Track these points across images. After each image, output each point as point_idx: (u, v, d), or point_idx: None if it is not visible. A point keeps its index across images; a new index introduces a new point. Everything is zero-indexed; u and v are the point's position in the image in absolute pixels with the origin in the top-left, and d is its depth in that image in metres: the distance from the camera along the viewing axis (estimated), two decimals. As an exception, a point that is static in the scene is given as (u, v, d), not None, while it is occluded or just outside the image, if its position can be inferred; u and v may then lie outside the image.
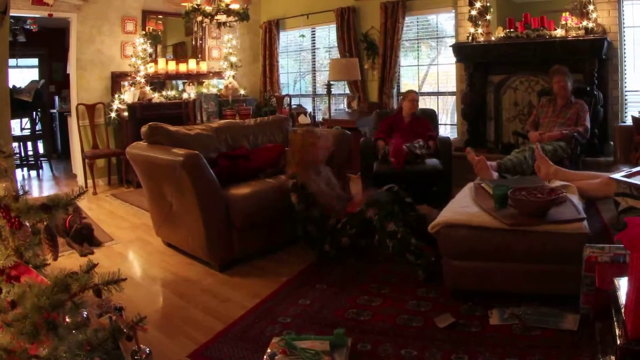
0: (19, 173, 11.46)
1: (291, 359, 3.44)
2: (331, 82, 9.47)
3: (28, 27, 11.77)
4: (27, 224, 2.87)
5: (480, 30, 8.88)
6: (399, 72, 10.61)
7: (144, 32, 10.52)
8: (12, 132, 8.08)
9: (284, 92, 12.53)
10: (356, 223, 5.32)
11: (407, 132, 7.64)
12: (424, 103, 10.47)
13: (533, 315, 4.00)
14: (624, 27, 8.01)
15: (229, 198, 5.46)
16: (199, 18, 9.12)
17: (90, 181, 9.50)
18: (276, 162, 6.48)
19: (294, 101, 12.24)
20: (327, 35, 12.16)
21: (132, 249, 6.44)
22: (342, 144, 7.00)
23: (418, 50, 10.86)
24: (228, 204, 5.43)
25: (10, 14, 6.05)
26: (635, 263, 2.56)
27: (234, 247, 5.52)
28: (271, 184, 5.97)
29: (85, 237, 6.35)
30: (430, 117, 8.17)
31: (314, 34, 12.45)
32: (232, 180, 5.85)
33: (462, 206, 4.75)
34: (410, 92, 8.10)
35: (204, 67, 11.60)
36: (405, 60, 10.92)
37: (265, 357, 3.49)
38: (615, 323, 2.85)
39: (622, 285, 2.91)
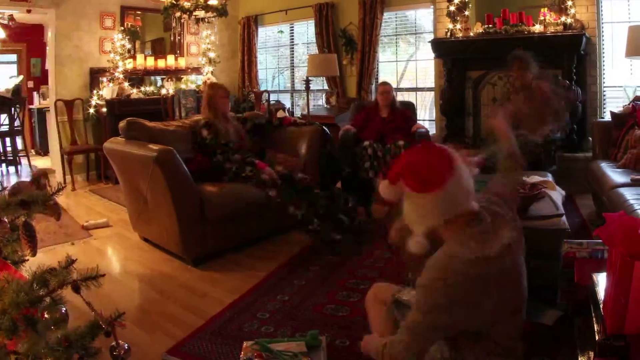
0: (-3, 169, 11.41)
1: (269, 363, 3.36)
2: (310, 78, 9.48)
3: (6, 22, 11.69)
4: (6, 220, 2.88)
5: (458, 26, 8.89)
6: (377, 67, 10.62)
7: (122, 28, 10.49)
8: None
9: (262, 88, 12.54)
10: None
11: (384, 125, 7.63)
12: (403, 98, 10.48)
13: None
14: (602, 23, 8.08)
15: (203, 193, 5.50)
16: (178, 14, 9.10)
17: (68, 177, 9.48)
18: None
19: (273, 97, 12.27)
20: (306, 31, 12.15)
21: (110, 244, 6.45)
22: (317, 140, 7.03)
23: (396, 46, 10.90)
24: (202, 199, 5.46)
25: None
26: (614, 259, 2.60)
27: (208, 242, 5.54)
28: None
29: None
30: (409, 109, 8.16)
31: (293, 30, 12.44)
32: (208, 175, 5.88)
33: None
34: (380, 84, 8.07)
35: (182, 63, 11.57)
36: (384, 56, 10.96)
37: (240, 362, 3.43)
38: (594, 319, 2.89)
39: (601, 280, 2.96)
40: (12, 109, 12.32)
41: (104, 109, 9.81)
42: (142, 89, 10.64)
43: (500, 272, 2.36)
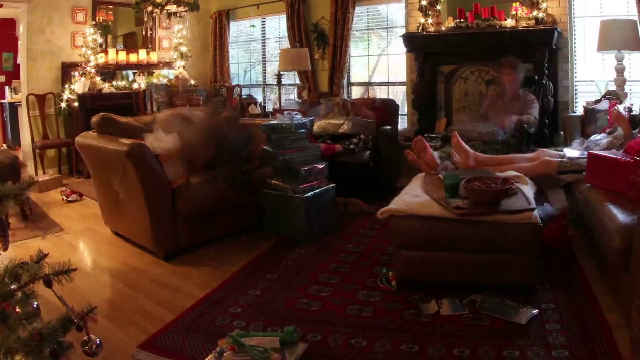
0: (-32, 164, 11.31)
1: (240, 356, 3.37)
2: (281, 73, 9.50)
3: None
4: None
5: (430, 20, 8.90)
6: (349, 62, 10.67)
7: (94, 23, 10.45)
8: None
9: (234, 82, 12.50)
10: None
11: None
12: (379, 94, 10.56)
13: (487, 304, 4.05)
14: (574, 17, 8.11)
15: (175, 187, 5.50)
16: (149, 8, 9.13)
17: (40, 171, 9.46)
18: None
19: (245, 91, 12.21)
20: (278, 25, 12.16)
21: (82, 239, 6.44)
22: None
23: (368, 41, 10.94)
24: (174, 193, 5.47)
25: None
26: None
27: (179, 236, 5.56)
28: (218, 174, 6.00)
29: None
30: (389, 107, 8.26)
31: (265, 24, 12.45)
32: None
33: (413, 196, 4.78)
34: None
35: (154, 57, 11.55)
36: (356, 51, 10.99)
37: (212, 354, 3.45)
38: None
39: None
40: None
41: (76, 104, 9.78)
42: (114, 83, 10.62)
43: None
